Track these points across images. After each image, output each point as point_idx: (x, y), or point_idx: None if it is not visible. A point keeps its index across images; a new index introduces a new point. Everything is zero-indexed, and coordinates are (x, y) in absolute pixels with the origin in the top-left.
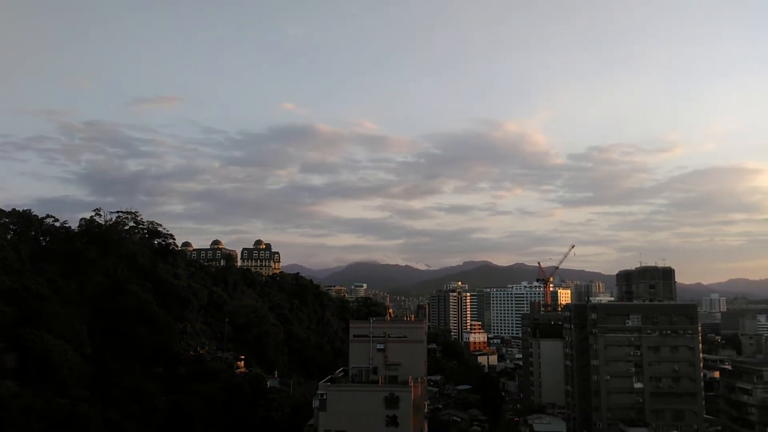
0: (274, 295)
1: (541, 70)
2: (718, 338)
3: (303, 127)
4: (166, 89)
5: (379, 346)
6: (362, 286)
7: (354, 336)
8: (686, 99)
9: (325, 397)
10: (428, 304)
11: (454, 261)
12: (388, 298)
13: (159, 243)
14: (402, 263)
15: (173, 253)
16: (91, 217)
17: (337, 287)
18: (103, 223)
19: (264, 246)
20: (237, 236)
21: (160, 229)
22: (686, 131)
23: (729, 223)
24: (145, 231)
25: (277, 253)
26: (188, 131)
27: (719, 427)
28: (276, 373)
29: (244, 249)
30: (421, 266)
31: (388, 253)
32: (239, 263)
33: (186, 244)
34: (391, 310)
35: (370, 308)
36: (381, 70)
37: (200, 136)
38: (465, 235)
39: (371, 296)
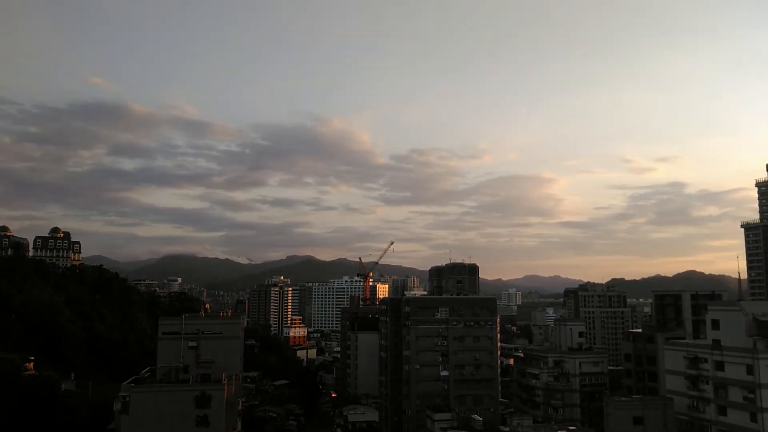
0: (72, 289)
1: (369, 71)
2: (514, 328)
3: (113, 105)
4: None
5: (191, 344)
6: (177, 280)
7: (164, 333)
8: (495, 111)
9: (128, 399)
10: (248, 299)
11: (278, 255)
12: (205, 293)
13: None
14: (222, 256)
15: None
16: None
17: (147, 281)
18: None
19: (62, 234)
20: (30, 223)
21: None
22: (494, 141)
23: (526, 225)
24: None
25: (78, 242)
26: None
27: (512, 409)
28: (73, 374)
29: (37, 237)
30: (243, 260)
31: (207, 245)
32: (31, 253)
33: None
34: (207, 306)
35: (184, 304)
36: (205, 52)
37: None
38: (289, 229)
39: (186, 291)
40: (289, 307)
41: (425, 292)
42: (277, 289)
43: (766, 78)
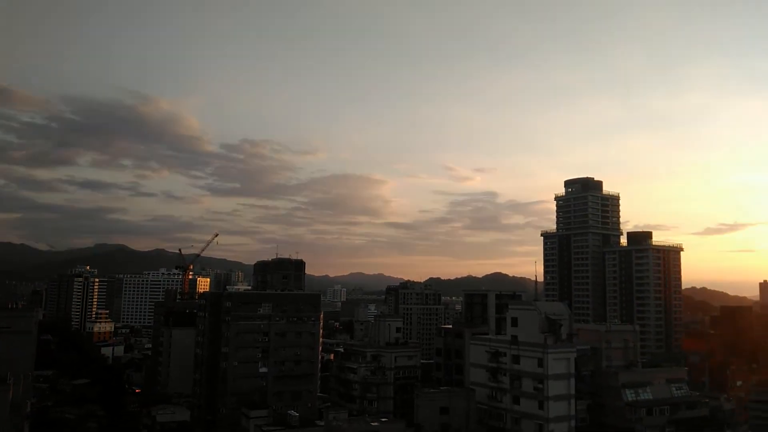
0: None
1: (201, 52)
2: (337, 324)
3: None
4: None
5: None
6: None
7: None
8: (330, 109)
9: None
10: (46, 289)
11: (85, 242)
12: None
13: None
14: (17, 241)
15: None
16: None
17: None
18: None
19: None
20: None
21: None
22: (328, 138)
23: (354, 224)
24: None
25: None
26: None
27: (329, 404)
28: None
29: None
30: (42, 246)
31: None
32: None
33: None
34: None
35: None
36: (6, 6)
37: None
38: (100, 215)
39: None
40: (95, 299)
41: (250, 287)
42: (81, 279)
43: (568, 108)
